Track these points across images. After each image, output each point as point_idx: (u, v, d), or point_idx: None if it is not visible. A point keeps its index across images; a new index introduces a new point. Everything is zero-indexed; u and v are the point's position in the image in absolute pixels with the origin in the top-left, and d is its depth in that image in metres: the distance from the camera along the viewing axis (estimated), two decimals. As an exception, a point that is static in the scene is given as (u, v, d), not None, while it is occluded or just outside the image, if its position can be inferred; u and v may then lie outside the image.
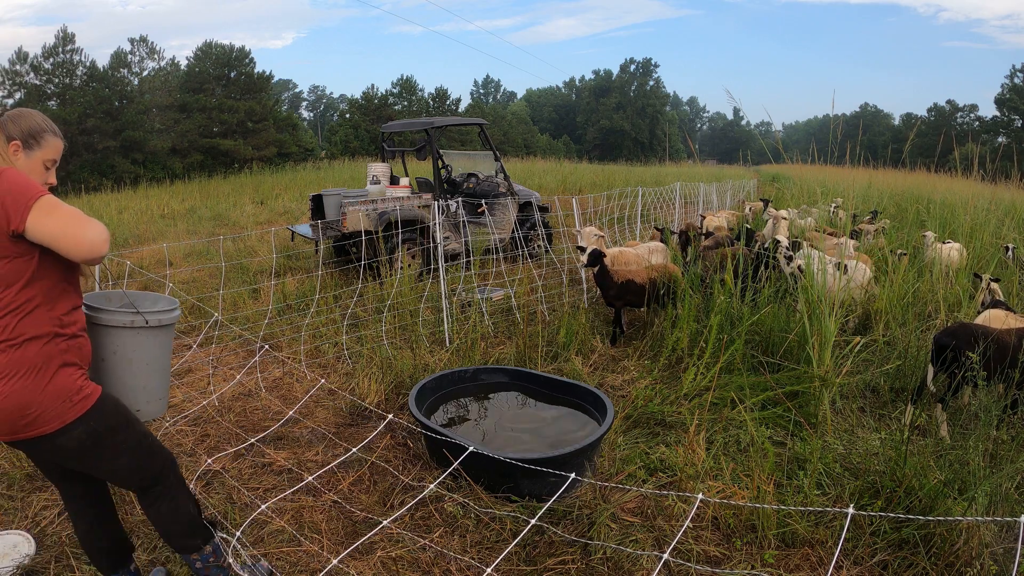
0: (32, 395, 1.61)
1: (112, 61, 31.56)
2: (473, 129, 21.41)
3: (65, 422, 1.66)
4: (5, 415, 1.60)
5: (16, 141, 1.71)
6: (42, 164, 1.77)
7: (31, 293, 1.62)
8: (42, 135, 1.76)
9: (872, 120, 60.19)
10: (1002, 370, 3.03)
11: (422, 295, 5.24)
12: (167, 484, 1.93)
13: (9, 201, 1.54)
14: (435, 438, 2.87)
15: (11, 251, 1.58)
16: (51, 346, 1.65)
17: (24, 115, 1.76)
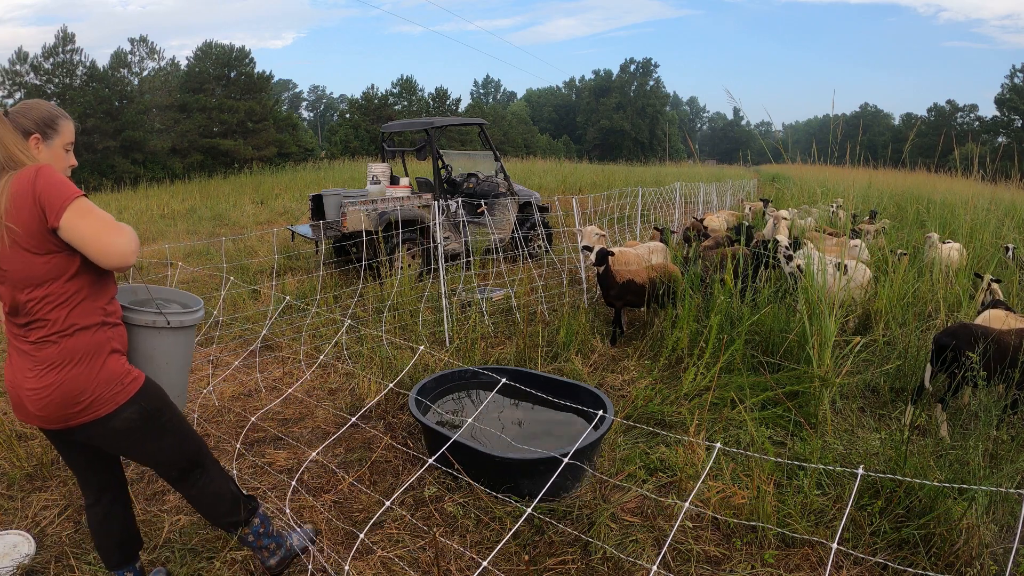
0: (86, 382, 1.68)
1: (112, 61, 31.56)
2: (473, 129, 21.43)
3: (117, 404, 1.74)
4: (60, 403, 1.67)
5: (35, 135, 1.74)
6: (63, 150, 1.81)
7: (78, 285, 1.68)
8: (56, 121, 1.79)
9: (872, 120, 60.20)
10: (1002, 370, 3.03)
11: (422, 295, 5.24)
12: (205, 465, 1.99)
13: (45, 198, 1.58)
14: (435, 437, 2.87)
15: (54, 246, 1.62)
16: (100, 334, 1.72)
17: (32, 106, 1.78)
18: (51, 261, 1.64)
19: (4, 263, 1.63)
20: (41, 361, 1.68)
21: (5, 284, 1.66)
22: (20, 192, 1.59)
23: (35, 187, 1.59)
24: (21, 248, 1.61)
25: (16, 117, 1.73)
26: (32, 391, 1.68)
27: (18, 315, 1.69)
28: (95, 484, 1.98)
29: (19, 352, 1.72)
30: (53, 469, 3.00)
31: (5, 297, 1.68)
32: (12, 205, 1.59)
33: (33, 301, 1.65)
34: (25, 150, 1.68)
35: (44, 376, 1.67)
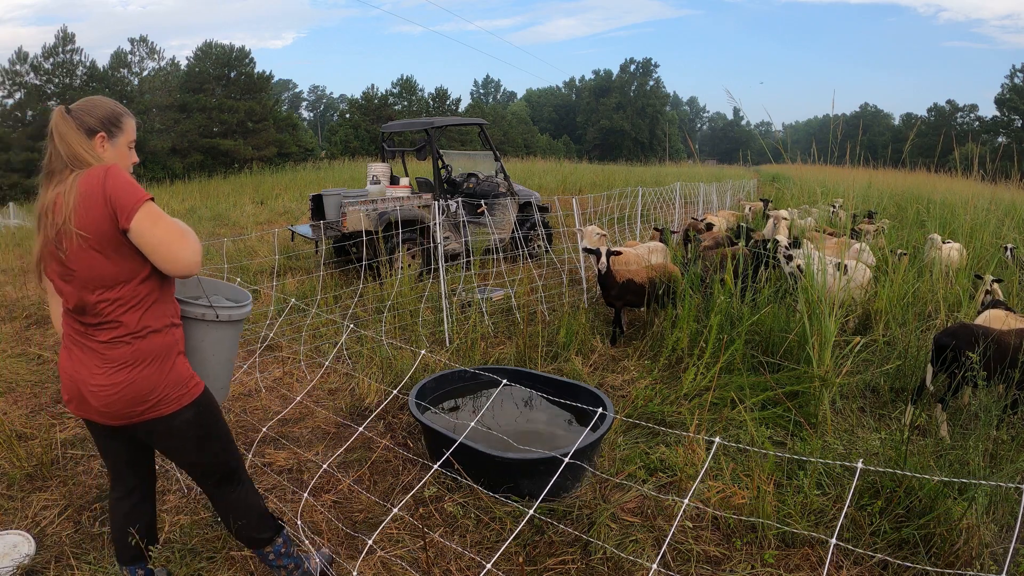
0: (156, 382, 1.73)
1: (112, 61, 31.57)
2: (473, 129, 21.42)
3: (181, 405, 1.78)
4: (129, 400, 1.71)
5: (101, 133, 1.73)
6: (127, 148, 1.81)
7: (149, 287, 1.71)
8: (120, 119, 1.79)
9: (872, 120, 60.19)
10: (1002, 370, 3.02)
11: (422, 295, 5.24)
12: (242, 477, 2.01)
13: (116, 199, 1.59)
14: (435, 437, 2.87)
15: (125, 248, 1.64)
16: (168, 336, 1.77)
17: (96, 103, 1.77)
18: (122, 263, 1.65)
19: (72, 263, 1.64)
20: (112, 360, 1.70)
21: (72, 284, 1.67)
22: (90, 192, 1.60)
23: (105, 187, 1.60)
24: (91, 249, 1.62)
25: (80, 115, 1.72)
26: (100, 387, 1.70)
27: (85, 315, 1.70)
28: (129, 481, 2.00)
29: (84, 348, 1.73)
30: (53, 469, 3.00)
31: (70, 296, 1.69)
32: (81, 206, 1.59)
33: (105, 303, 1.67)
34: (90, 150, 1.69)
35: (115, 374, 1.70)
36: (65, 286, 1.69)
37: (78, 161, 1.66)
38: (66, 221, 1.59)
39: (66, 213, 1.59)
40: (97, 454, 3.17)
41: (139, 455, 1.99)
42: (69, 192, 1.60)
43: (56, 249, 1.64)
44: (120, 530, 2.02)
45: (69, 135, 1.67)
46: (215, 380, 2.00)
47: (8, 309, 6.22)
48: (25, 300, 6.55)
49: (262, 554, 2.07)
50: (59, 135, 1.67)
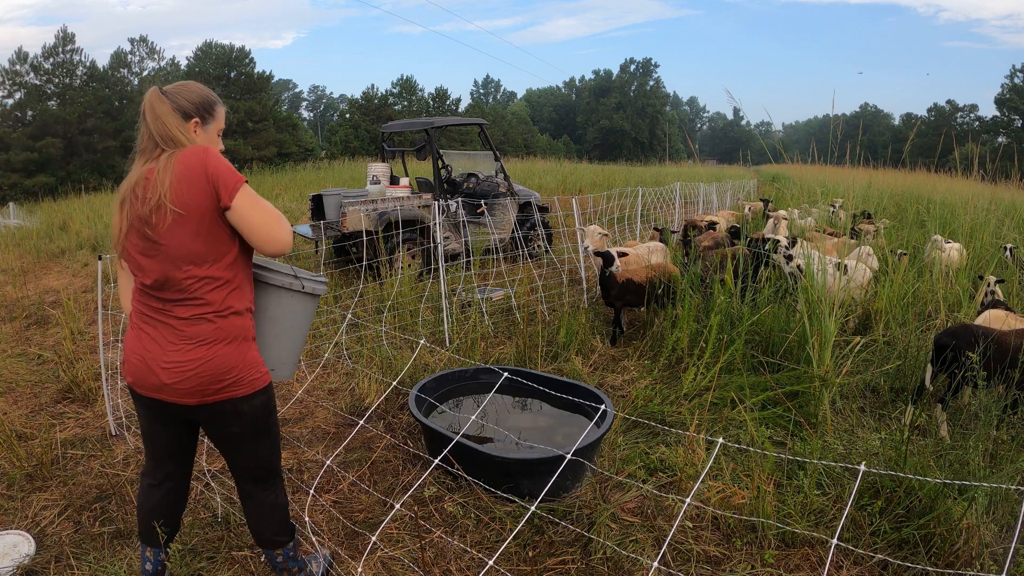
0: (235, 361, 1.75)
1: (112, 61, 31.58)
2: (473, 129, 21.40)
3: (254, 389, 1.81)
4: (207, 377, 1.72)
5: (195, 119, 1.76)
6: (216, 135, 1.84)
7: (235, 271, 1.76)
8: (214, 107, 1.81)
9: (872, 120, 60.20)
10: (1002, 370, 3.02)
11: (422, 295, 5.24)
12: (278, 479, 2.02)
13: (218, 177, 1.64)
14: (435, 437, 2.87)
15: (220, 228, 1.69)
16: (247, 320, 1.80)
17: (191, 89, 1.78)
18: (213, 242, 1.69)
19: (163, 238, 1.66)
20: (191, 336, 1.71)
21: (156, 259, 1.69)
22: (189, 170, 1.63)
23: (207, 166, 1.64)
24: (185, 227, 1.65)
25: (176, 98, 1.74)
26: (175, 364, 1.71)
27: (166, 290, 1.71)
28: (167, 470, 1.99)
29: (159, 325, 1.74)
30: (53, 469, 3.00)
31: (151, 272, 1.70)
32: (179, 183, 1.62)
33: (192, 280, 1.69)
34: (185, 132, 1.72)
35: (192, 351, 1.71)
36: (148, 262, 1.70)
37: (172, 142, 1.69)
38: (161, 198, 1.62)
39: (161, 191, 1.62)
40: (97, 454, 3.17)
41: (185, 446, 1.98)
42: (164, 170, 1.63)
43: (143, 225, 1.66)
44: (147, 513, 2.03)
45: (166, 116, 1.70)
46: (289, 354, 2.00)
47: (8, 309, 6.22)
48: (25, 300, 6.55)
49: (271, 555, 2.07)
50: (154, 115, 1.70)
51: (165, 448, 1.96)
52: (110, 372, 3.65)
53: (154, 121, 1.69)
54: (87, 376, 4.00)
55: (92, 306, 6.02)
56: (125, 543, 2.45)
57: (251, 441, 1.89)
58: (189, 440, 2.00)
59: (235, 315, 1.76)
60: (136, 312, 1.80)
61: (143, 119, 1.72)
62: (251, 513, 2.02)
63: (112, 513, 2.65)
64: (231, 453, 1.94)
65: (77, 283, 7.59)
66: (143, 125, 1.72)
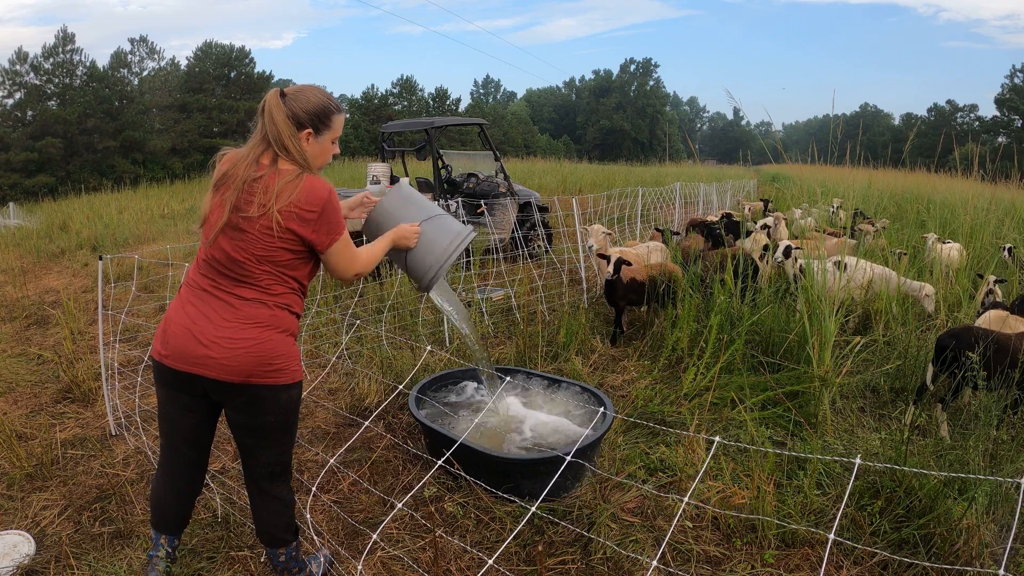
0: (284, 349, 1.83)
1: (112, 61, 31.58)
2: (473, 129, 21.40)
3: (294, 380, 1.88)
4: (256, 358, 1.77)
5: (308, 129, 1.80)
6: (330, 143, 1.89)
7: (303, 281, 1.88)
8: (330, 117, 1.84)
9: (872, 120, 60.18)
10: (1002, 371, 3.02)
11: (422, 295, 5.24)
12: (289, 477, 2.04)
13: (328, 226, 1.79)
14: (435, 437, 2.87)
15: (303, 249, 1.81)
16: (296, 321, 1.90)
17: (309, 96, 1.81)
18: (296, 256, 1.80)
19: (254, 233, 1.73)
20: (248, 316, 1.77)
21: (239, 243, 1.75)
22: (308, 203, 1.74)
23: (325, 211, 1.76)
24: (282, 239, 1.74)
25: (292, 104, 1.78)
26: (227, 339, 1.74)
27: (232, 270, 1.77)
28: (187, 455, 1.99)
29: (216, 300, 1.78)
30: (53, 469, 3.00)
31: (229, 251, 1.76)
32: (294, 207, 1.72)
33: (264, 273, 1.77)
34: (296, 143, 1.77)
35: (248, 330, 1.76)
36: (228, 243, 1.76)
37: (284, 149, 1.76)
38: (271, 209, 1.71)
39: (275, 204, 1.71)
40: (97, 454, 3.17)
41: (204, 431, 1.99)
42: (289, 186, 1.72)
43: (238, 213, 1.73)
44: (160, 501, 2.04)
45: (281, 124, 1.76)
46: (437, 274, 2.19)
47: (8, 309, 6.22)
48: (25, 300, 6.55)
49: (275, 554, 2.06)
50: (271, 119, 1.76)
51: (185, 433, 1.95)
52: (110, 372, 3.65)
53: (270, 124, 1.77)
54: (87, 376, 4.00)
55: (92, 306, 6.02)
56: (125, 543, 2.44)
57: (279, 432, 1.91)
58: (209, 428, 1.99)
59: (289, 312, 1.85)
60: (191, 285, 1.83)
61: (261, 116, 1.79)
62: (261, 510, 2.01)
63: (112, 513, 2.65)
64: (255, 445, 1.93)
65: (77, 283, 7.59)
66: (260, 121, 1.80)
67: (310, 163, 1.81)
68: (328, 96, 1.84)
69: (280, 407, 1.86)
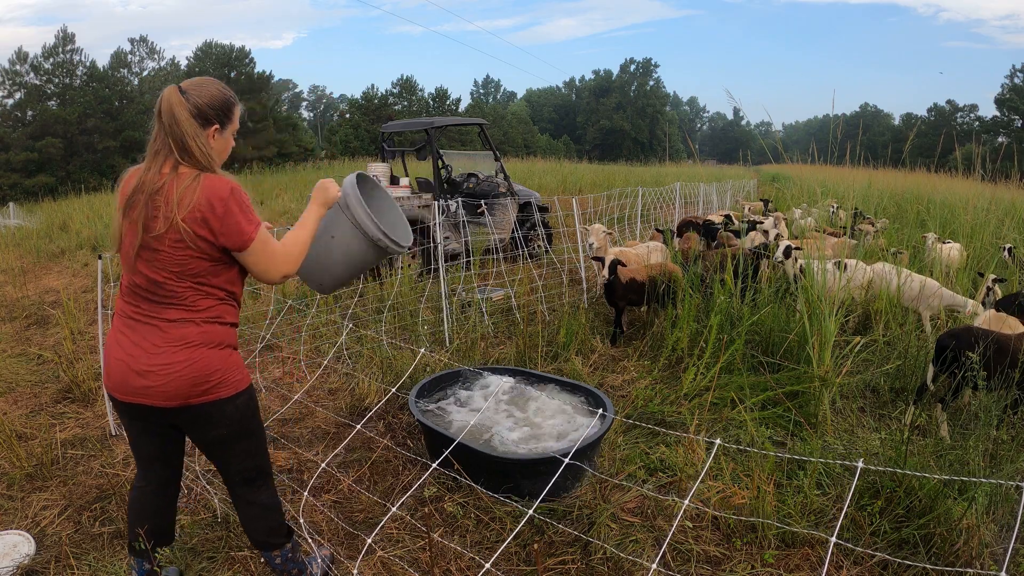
0: (219, 363, 1.77)
1: (112, 61, 31.59)
2: (473, 129, 21.41)
3: (237, 390, 1.82)
4: (191, 380, 1.73)
5: (216, 125, 1.73)
6: (231, 137, 1.83)
7: (230, 288, 1.80)
8: (232, 110, 1.79)
9: (872, 120, 60.18)
10: (1002, 371, 3.02)
11: (422, 295, 5.24)
12: (268, 479, 2.01)
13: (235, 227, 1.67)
14: (435, 437, 2.87)
15: (220, 255, 1.73)
16: (232, 331, 1.84)
17: (208, 87, 1.74)
18: (215, 266, 1.73)
19: (165, 251, 1.66)
20: (177, 338, 1.71)
21: (154, 264, 1.69)
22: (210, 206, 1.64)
23: (229, 210, 1.65)
24: (193, 248, 1.66)
25: (196, 99, 1.69)
26: (161, 366, 1.70)
27: (155, 293, 1.71)
28: (157, 475, 1.98)
29: (143, 327, 1.73)
30: (53, 469, 3.00)
31: (147, 274, 1.70)
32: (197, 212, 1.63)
33: (187, 289, 1.71)
34: (201, 142, 1.68)
35: (178, 352, 1.71)
36: (145, 266, 1.69)
37: (184, 151, 1.66)
38: (175, 219, 1.63)
39: (178, 213, 1.62)
40: (97, 454, 3.17)
41: (171, 449, 1.97)
42: (187, 192, 1.63)
43: (148, 232, 1.66)
44: (137, 520, 2.02)
45: (184, 122, 1.66)
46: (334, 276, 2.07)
47: (8, 309, 6.22)
48: (25, 300, 6.55)
49: (270, 557, 2.06)
50: (172, 118, 1.66)
51: (152, 453, 1.94)
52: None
53: (172, 125, 1.65)
54: (87, 376, 4.00)
55: (92, 306, 6.02)
56: (125, 543, 2.44)
57: (236, 442, 1.89)
58: (176, 443, 1.98)
59: (220, 324, 1.78)
60: (120, 315, 1.78)
61: (158, 118, 1.67)
62: (244, 516, 2.02)
63: (112, 513, 2.65)
64: (219, 456, 1.93)
65: (77, 283, 7.59)
66: (157, 124, 1.67)
67: (214, 162, 1.73)
68: (227, 88, 1.78)
69: (228, 419, 1.83)
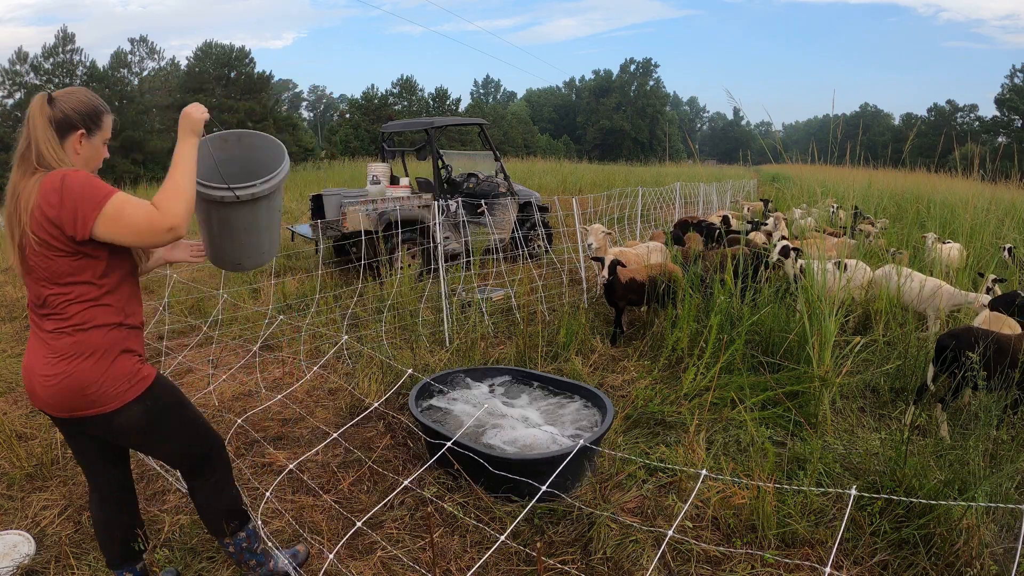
0: (95, 375, 1.70)
1: (112, 61, 31.59)
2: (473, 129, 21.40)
3: (123, 402, 1.75)
4: (67, 393, 1.70)
5: (81, 131, 1.72)
6: (102, 144, 1.81)
7: (101, 286, 1.71)
8: (100, 117, 1.78)
9: (872, 120, 60.17)
10: (1002, 371, 3.02)
11: (422, 295, 5.24)
12: (214, 466, 1.98)
13: (72, 210, 1.58)
14: (434, 437, 2.87)
15: (81, 250, 1.64)
16: (115, 333, 1.75)
17: (76, 94, 1.74)
18: (77, 263, 1.66)
19: (31, 259, 1.66)
20: (55, 350, 1.70)
21: (31, 276, 1.70)
22: (46, 199, 1.59)
23: (63, 197, 1.58)
24: (48, 248, 1.63)
25: (62, 106, 1.69)
26: (44, 377, 1.71)
27: (41, 307, 1.72)
28: (102, 477, 1.97)
29: (37, 339, 1.75)
30: (53, 469, 3.00)
31: (31, 288, 1.72)
32: (39, 210, 1.60)
33: (56, 296, 1.68)
34: (56, 151, 1.66)
35: (56, 364, 1.70)
36: (27, 279, 1.71)
37: (41, 159, 1.64)
38: (24, 226, 1.60)
39: (25, 218, 1.60)
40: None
41: (108, 451, 1.94)
42: (30, 195, 1.60)
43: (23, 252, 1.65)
44: (103, 532, 2.01)
45: (40, 129, 1.64)
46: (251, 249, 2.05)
47: (8, 309, 6.22)
48: (24, 300, 6.54)
49: (223, 544, 2.04)
50: (32, 125, 1.65)
51: (91, 458, 1.93)
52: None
53: (31, 130, 1.64)
54: (87, 376, 3.99)
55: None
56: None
57: (152, 446, 1.88)
58: (112, 448, 1.94)
59: (97, 329, 1.71)
60: (31, 326, 1.81)
61: (26, 126, 1.66)
62: (196, 502, 2.01)
63: (112, 513, 2.64)
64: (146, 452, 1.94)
65: (77, 283, 7.57)
66: (25, 131, 1.66)
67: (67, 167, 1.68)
68: (97, 97, 1.78)
69: (127, 429, 1.78)
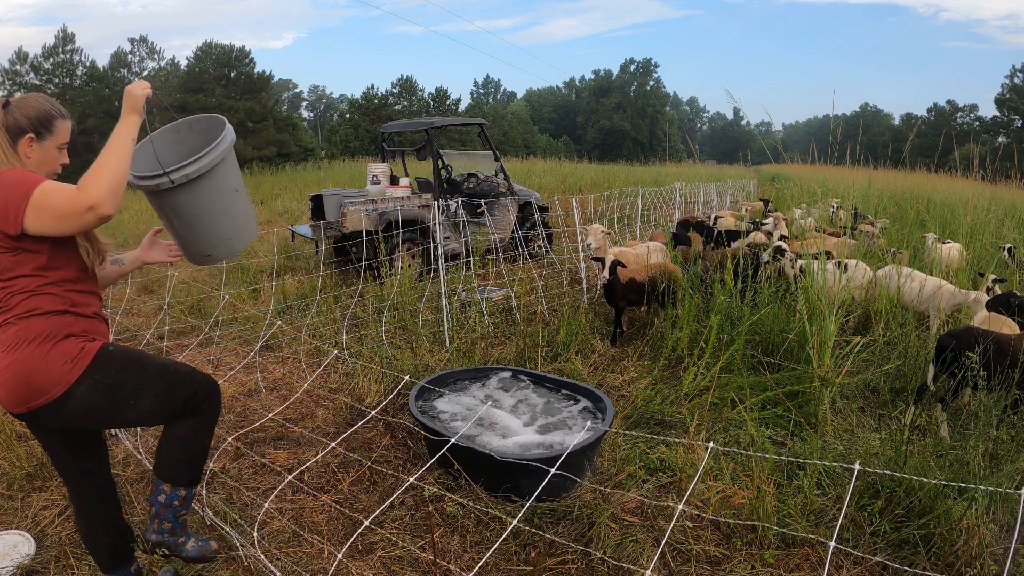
0: (35, 362, 1.67)
1: (112, 61, 31.59)
2: (473, 129, 21.40)
3: (69, 383, 1.69)
4: (13, 385, 1.66)
5: (29, 134, 1.72)
6: (55, 149, 1.81)
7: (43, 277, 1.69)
8: (52, 121, 1.77)
9: (872, 120, 60.16)
10: (1002, 371, 3.02)
11: (422, 295, 5.24)
12: (200, 408, 1.87)
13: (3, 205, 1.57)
14: (434, 439, 2.87)
15: (19, 245, 1.63)
16: (60, 319, 1.71)
17: (31, 102, 1.75)
18: (16, 257, 1.65)
19: None
20: (2, 343, 1.68)
21: None
22: None
23: None
24: None
25: (14, 111, 1.71)
26: None
27: None
28: (75, 472, 1.91)
29: None
30: (53, 469, 3.00)
31: None
32: None
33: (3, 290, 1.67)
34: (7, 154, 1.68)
35: (3, 357, 1.67)
36: None
37: None
38: None
39: None
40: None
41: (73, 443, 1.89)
42: None
43: None
44: (90, 537, 1.97)
45: None
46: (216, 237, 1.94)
47: None
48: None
49: (157, 487, 1.90)
50: None
51: (60, 452, 1.90)
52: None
53: None
54: (87, 376, 3.99)
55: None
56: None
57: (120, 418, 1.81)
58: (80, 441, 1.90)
59: (40, 316, 1.69)
60: None
61: None
62: (164, 435, 1.89)
63: (112, 513, 2.64)
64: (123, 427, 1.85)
65: (77, 283, 7.57)
66: None
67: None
68: (52, 102, 1.78)
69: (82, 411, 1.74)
